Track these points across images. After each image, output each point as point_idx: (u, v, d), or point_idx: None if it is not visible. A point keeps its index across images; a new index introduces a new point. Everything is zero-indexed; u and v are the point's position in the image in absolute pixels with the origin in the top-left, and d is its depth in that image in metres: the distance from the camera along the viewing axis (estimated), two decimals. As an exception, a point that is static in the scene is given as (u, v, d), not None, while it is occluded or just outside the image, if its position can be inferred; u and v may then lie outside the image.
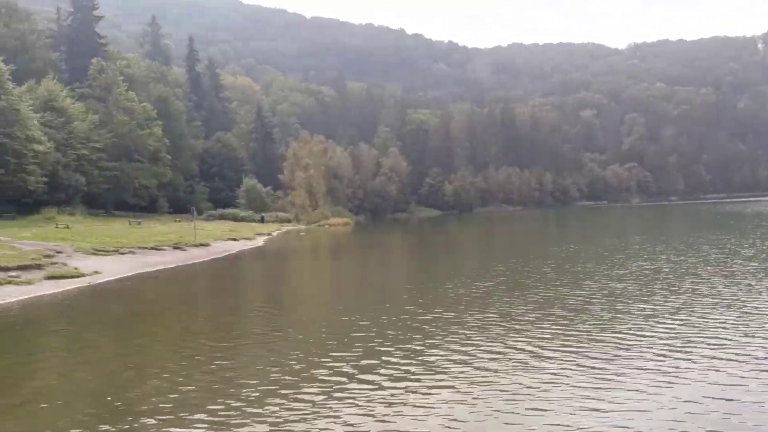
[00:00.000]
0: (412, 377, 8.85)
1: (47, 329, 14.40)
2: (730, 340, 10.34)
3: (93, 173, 55.84)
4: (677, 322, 11.81)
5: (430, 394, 8.07)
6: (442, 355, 10.03)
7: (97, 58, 64.90)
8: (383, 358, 9.97)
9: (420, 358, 9.99)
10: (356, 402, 7.85)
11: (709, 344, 10.06)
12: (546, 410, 7.28)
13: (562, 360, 9.41)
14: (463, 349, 10.35)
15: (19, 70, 53.14)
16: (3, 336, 13.14)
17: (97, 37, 74.39)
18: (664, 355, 9.46)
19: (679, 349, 9.84)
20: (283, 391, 8.31)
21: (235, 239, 42.87)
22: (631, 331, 11.22)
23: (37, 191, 46.87)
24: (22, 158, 44.21)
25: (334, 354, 10.31)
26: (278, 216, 74.60)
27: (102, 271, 22.76)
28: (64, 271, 21.79)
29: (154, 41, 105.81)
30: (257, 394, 8.27)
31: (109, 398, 8.23)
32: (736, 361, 9.07)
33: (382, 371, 9.19)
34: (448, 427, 6.95)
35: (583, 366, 9.05)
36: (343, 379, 8.84)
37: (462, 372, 8.99)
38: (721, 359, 9.16)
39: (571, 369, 8.91)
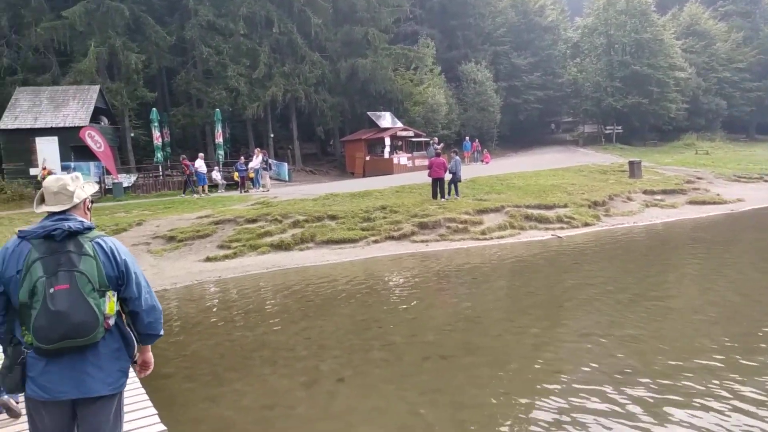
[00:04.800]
0: None
1: (687, 250, 14.81)
2: None
3: (734, 96, 52.86)
4: None
5: None
6: None
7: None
8: None
9: None
10: None
11: None
12: None
13: None
14: None
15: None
16: (649, 250, 14.36)
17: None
18: None
19: None
20: None
21: None
22: None
23: (677, 118, 48.06)
24: (664, 87, 46.00)
25: None
26: None
27: (745, 199, 21.66)
28: (706, 197, 21.83)
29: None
30: None
31: (738, 321, 7.88)
32: None
33: None
34: None
35: None
36: None
37: None
38: None
39: None
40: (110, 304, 2.75)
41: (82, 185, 2.97)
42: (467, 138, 38.05)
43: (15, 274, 2.69)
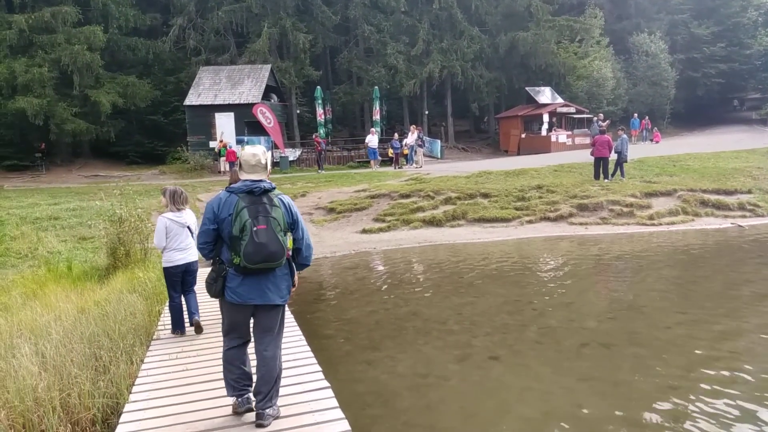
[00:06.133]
0: None
1: None
2: None
3: None
4: None
5: None
6: None
7: None
8: None
9: None
10: None
11: None
12: None
13: None
14: None
15: None
16: None
17: None
18: None
19: None
20: None
21: None
22: None
23: None
24: None
25: None
26: None
27: None
28: None
29: None
30: None
31: None
32: None
33: None
34: None
35: None
36: None
37: None
38: None
39: None
40: (290, 241, 3.96)
41: (268, 157, 4.05)
42: (635, 115, 35.23)
43: (227, 216, 3.82)
